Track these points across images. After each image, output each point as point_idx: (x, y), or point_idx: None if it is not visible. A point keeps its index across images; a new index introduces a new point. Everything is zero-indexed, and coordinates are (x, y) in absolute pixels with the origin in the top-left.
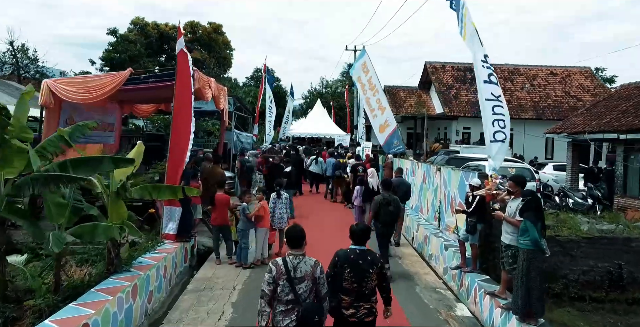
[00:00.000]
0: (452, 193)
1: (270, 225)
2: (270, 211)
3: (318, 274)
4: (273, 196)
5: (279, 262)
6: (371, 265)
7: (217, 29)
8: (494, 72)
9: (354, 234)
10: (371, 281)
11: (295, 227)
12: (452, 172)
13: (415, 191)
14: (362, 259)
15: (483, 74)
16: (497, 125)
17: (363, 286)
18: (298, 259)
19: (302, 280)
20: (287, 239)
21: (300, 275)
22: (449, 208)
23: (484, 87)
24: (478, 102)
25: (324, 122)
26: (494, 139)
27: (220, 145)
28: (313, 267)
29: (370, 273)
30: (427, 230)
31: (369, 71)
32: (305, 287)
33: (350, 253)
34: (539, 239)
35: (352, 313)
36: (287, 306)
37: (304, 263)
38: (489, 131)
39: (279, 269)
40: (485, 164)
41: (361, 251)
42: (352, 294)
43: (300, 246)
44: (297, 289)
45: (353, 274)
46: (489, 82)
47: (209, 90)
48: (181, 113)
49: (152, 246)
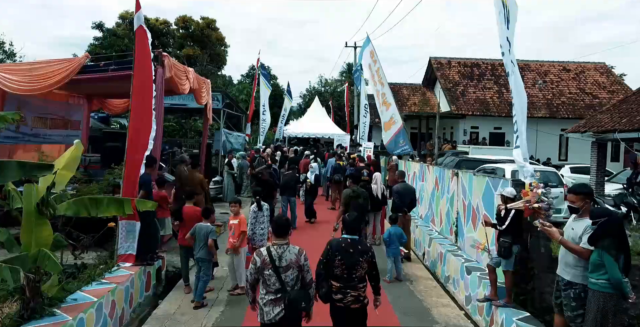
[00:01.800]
0: (474, 203)
1: (251, 244)
2: (249, 226)
3: (302, 261)
4: (252, 208)
5: (263, 252)
6: (362, 254)
7: (210, 24)
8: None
9: (346, 224)
10: (361, 269)
11: (280, 217)
12: (475, 178)
13: (425, 197)
14: (353, 248)
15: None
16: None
17: (353, 274)
18: (282, 248)
19: (288, 268)
20: (273, 228)
21: (285, 264)
22: (469, 221)
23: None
24: (486, 100)
25: (323, 122)
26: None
27: (202, 145)
28: (297, 255)
29: (360, 261)
30: (442, 246)
31: (377, 61)
32: (291, 275)
33: (342, 242)
34: (621, 279)
35: (340, 298)
36: (276, 294)
37: (289, 252)
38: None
39: (264, 259)
40: (505, 167)
41: (352, 240)
42: (342, 280)
43: (285, 235)
44: (284, 278)
45: (344, 262)
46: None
47: (185, 82)
48: (139, 106)
49: (98, 274)
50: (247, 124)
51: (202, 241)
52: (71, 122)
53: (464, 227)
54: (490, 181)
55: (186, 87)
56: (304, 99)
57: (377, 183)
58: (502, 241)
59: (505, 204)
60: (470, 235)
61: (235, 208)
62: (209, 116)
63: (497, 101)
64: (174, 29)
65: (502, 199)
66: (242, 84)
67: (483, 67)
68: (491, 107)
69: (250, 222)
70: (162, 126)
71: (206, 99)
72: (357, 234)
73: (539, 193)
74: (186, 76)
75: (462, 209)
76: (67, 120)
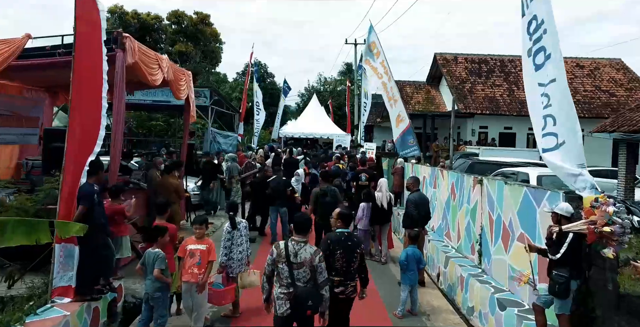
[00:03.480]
0: (505, 218)
1: (226, 274)
2: (222, 251)
3: (316, 262)
4: (226, 227)
5: (280, 245)
6: (357, 246)
7: (204, 20)
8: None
9: (343, 216)
10: (357, 261)
11: (303, 215)
12: (507, 187)
13: (438, 207)
14: (350, 241)
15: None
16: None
17: (351, 266)
18: (299, 246)
19: (301, 266)
20: (294, 224)
21: (299, 261)
22: (498, 240)
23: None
24: (496, 98)
25: (321, 121)
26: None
27: (183, 146)
28: (313, 255)
29: (357, 253)
30: (463, 268)
31: (380, 53)
32: (303, 272)
33: (340, 236)
34: None
35: (342, 290)
36: (288, 288)
37: (304, 250)
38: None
39: (280, 252)
40: (528, 172)
41: (348, 233)
42: (342, 273)
43: (305, 233)
44: (296, 274)
45: (344, 255)
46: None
47: (157, 72)
48: (83, 97)
49: (16, 319)
50: (240, 124)
51: (152, 273)
52: (28, 119)
53: (490, 247)
54: (529, 191)
55: (157, 77)
56: (303, 98)
57: (382, 190)
58: (556, 275)
59: (560, 225)
60: (500, 257)
61: (201, 230)
62: (192, 113)
63: (508, 99)
64: (166, 25)
65: (555, 218)
66: (236, 81)
67: (492, 63)
68: (501, 105)
69: (224, 246)
70: (122, 124)
71: (186, 93)
72: (349, 227)
73: (610, 212)
74: (158, 64)
75: (487, 224)
76: (22, 116)
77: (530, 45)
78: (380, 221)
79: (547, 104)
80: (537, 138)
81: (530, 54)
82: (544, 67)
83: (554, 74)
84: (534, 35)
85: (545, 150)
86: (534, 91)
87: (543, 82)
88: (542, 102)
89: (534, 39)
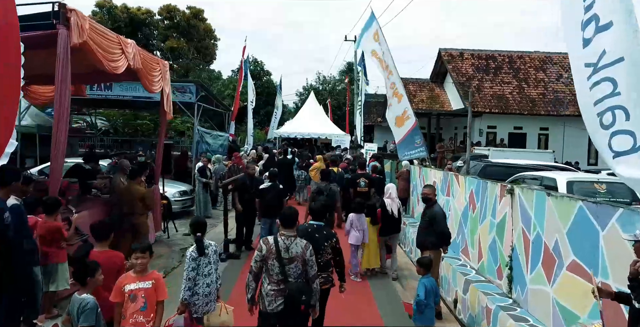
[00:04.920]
0: (548, 239)
1: (190, 314)
2: (186, 283)
3: (308, 256)
4: (191, 253)
5: (270, 240)
6: (326, 239)
7: (197, 15)
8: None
9: (312, 210)
10: (326, 254)
11: (290, 208)
12: (552, 200)
13: (453, 218)
14: (318, 233)
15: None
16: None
17: (319, 258)
18: (290, 240)
19: (292, 261)
20: (280, 219)
21: (290, 256)
22: (537, 265)
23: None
24: (505, 96)
25: (320, 120)
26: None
27: (159, 147)
28: (304, 249)
29: (325, 246)
30: (489, 298)
31: (382, 45)
32: (295, 267)
33: (308, 227)
34: None
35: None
36: (279, 285)
37: (296, 245)
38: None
39: (270, 248)
40: (555, 177)
41: (318, 226)
42: None
43: (292, 226)
44: (287, 270)
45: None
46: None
47: (119, 57)
48: None
49: None
50: (232, 123)
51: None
52: None
53: (525, 273)
54: (588, 206)
55: (119, 64)
56: (301, 98)
57: (391, 196)
58: None
59: None
60: (539, 288)
61: (142, 261)
62: (167, 109)
63: (518, 97)
64: (157, 20)
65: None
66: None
67: (500, 59)
68: (511, 104)
69: (188, 277)
70: (67, 120)
71: (160, 85)
72: (322, 220)
73: None
74: (121, 49)
75: (521, 244)
76: None
77: (582, 13)
78: (389, 231)
79: (612, 91)
80: (599, 138)
81: (582, 27)
82: (593, 42)
83: (620, 51)
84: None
85: (618, 154)
86: (581, 73)
87: (591, 62)
88: (600, 90)
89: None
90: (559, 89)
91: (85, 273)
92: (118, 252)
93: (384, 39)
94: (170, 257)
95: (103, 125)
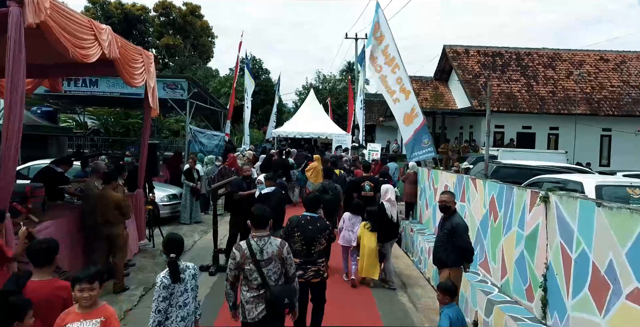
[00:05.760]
0: (595, 258)
1: None
2: (157, 316)
3: (285, 254)
4: (161, 279)
5: (242, 246)
6: (320, 230)
7: (194, 11)
8: None
9: (305, 202)
10: (320, 245)
11: (261, 207)
12: (604, 212)
13: (470, 227)
14: (312, 224)
15: None
16: None
17: (311, 249)
18: (263, 241)
19: (270, 261)
20: (251, 219)
21: (266, 257)
22: (583, 289)
23: None
24: (513, 94)
25: (319, 119)
26: None
27: (142, 146)
28: (280, 247)
29: (319, 237)
30: (520, 324)
31: (384, 37)
32: (273, 268)
33: (302, 218)
34: None
35: (301, 274)
36: (259, 290)
37: (270, 244)
38: None
39: (243, 253)
40: (582, 181)
41: (312, 217)
42: (301, 256)
43: (264, 226)
44: (266, 272)
45: (303, 237)
46: None
47: (92, 43)
48: None
49: None
50: (227, 122)
51: None
52: None
53: (565, 297)
54: None
55: (90, 52)
56: (301, 97)
57: (390, 199)
58: None
59: None
60: (586, 317)
61: (91, 292)
62: (153, 104)
63: (526, 95)
64: (152, 16)
65: None
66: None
67: (507, 56)
68: (519, 102)
69: (157, 309)
70: (20, 118)
71: (143, 78)
72: (316, 212)
73: None
74: (94, 35)
75: (559, 261)
76: None
77: None
78: (387, 237)
79: None
80: None
81: None
82: None
83: None
84: None
85: None
86: None
87: None
88: None
89: None
90: (569, 87)
91: (12, 317)
92: (64, 281)
93: (388, 31)
94: (152, 271)
95: (93, 125)
